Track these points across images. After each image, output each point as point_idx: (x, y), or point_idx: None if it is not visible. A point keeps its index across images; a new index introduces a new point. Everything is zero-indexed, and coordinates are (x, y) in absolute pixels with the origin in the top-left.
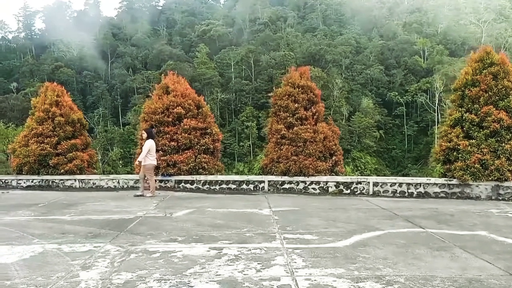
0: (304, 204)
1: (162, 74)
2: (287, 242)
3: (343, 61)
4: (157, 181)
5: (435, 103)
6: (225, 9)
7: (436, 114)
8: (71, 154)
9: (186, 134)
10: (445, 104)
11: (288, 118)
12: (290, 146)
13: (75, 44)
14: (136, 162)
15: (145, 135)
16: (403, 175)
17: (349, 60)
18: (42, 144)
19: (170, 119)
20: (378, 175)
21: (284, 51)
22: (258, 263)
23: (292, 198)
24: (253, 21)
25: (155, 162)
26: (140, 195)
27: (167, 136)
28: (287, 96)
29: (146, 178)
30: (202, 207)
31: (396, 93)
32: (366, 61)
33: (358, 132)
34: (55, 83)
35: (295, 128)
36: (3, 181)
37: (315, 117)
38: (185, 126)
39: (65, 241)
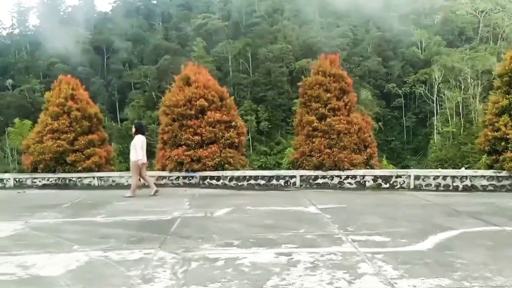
0: (348, 201)
1: (182, 65)
2: (359, 245)
3: (341, 53)
4: (181, 177)
5: (434, 94)
6: (221, 3)
7: (434, 105)
8: (88, 150)
9: (210, 128)
10: (443, 95)
11: (320, 108)
12: (323, 139)
13: (70, 39)
14: (138, 163)
15: (134, 129)
16: (403, 167)
17: (347, 52)
18: (58, 141)
19: (192, 112)
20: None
21: (281, 44)
22: (344, 272)
23: (331, 194)
24: (249, 14)
25: (144, 160)
26: (154, 194)
27: (190, 130)
28: (318, 85)
29: (143, 174)
30: (239, 205)
31: (394, 85)
32: (364, 53)
33: None
34: (69, 76)
35: (327, 119)
36: (17, 180)
37: (347, 107)
38: (209, 119)
39: (108, 247)
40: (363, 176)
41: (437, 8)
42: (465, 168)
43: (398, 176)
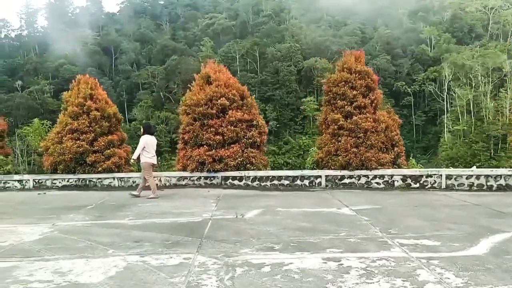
0: (381, 202)
1: (202, 64)
2: (410, 250)
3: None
4: (202, 178)
5: (444, 92)
6: (228, 2)
7: (445, 103)
8: (108, 151)
9: (232, 127)
10: (454, 93)
11: (345, 106)
12: (349, 137)
13: (78, 40)
14: (131, 160)
15: (142, 130)
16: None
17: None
18: (78, 141)
19: (214, 111)
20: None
21: (289, 43)
22: (403, 280)
23: (360, 195)
24: (256, 14)
25: (152, 160)
26: (136, 195)
27: (211, 129)
28: (343, 82)
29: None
30: (268, 206)
31: (404, 83)
32: (372, 51)
33: None
34: (87, 75)
35: (354, 117)
36: (36, 181)
37: (373, 104)
38: (231, 118)
39: (144, 251)
40: (392, 176)
41: (446, 5)
42: (477, 167)
43: (428, 176)
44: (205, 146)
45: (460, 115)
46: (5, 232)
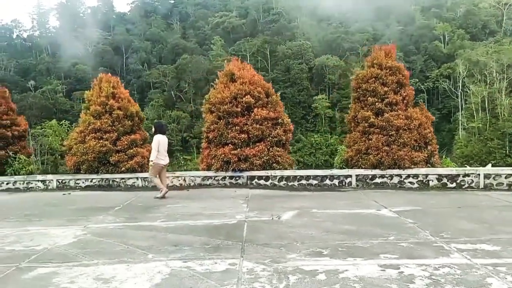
0: (420, 202)
1: (225, 61)
2: (471, 256)
3: (361, 49)
4: (227, 177)
5: (458, 89)
6: (238, 0)
7: (459, 100)
8: (131, 150)
9: (257, 125)
10: (468, 90)
11: (376, 103)
12: (380, 135)
13: (89, 40)
14: (150, 162)
15: (154, 129)
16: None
17: (367, 48)
18: (101, 140)
19: (239, 109)
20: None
21: (300, 41)
22: None
23: (395, 195)
24: (266, 11)
25: (164, 162)
26: (161, 197)
27: (236, 128)
28: (373, 78)
29: (162, 176)
30: (302, 207)
31: (417, 80)
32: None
33: None
34: (109, 74)
35: (385, 114)
36: (60, 181)
37: (405, 101)
38: (256, 117)
39: (185, 256)
40: (426, 175)
41: (459, 1)
42: (492, 165)
43: (466, 175)
44: (229, 145)
45: (475, 112)
46: (37, 235)
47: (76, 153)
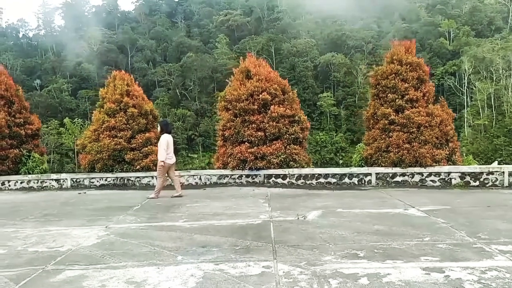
0: (447, 201)
1: (241, 57)
2: None
3: (366, 46)
4: (244, 176)
5: (464, 86)
6: None
7: (465, 97)
8: (146, 148)
9: (274, 123)
10: (474, 87)
11: (397, 100)
12: (401, 133)
13: (94, 39)
14: (160, 163)
15: (159, 128)
16: None
17: (372, 45)
18: (116, 138)
19: (255, 107)
20: None
21: (305, 38)
22: None
23: (418, 193)
24: (271, 9)
25: (171, 161)
26: (178, 195)
27: (253, 125)
28: (393, 74)
29: (171, 175)
30: (326, 207)
31: None
32: (389, 46)
33: None
34: (122, 71)
35: (406, 111)
36: (74, 180)
37: (425, 97)
38: (273, 114)
39: (216, 258)
40: (448, 173)
41: None
42: (498, 162)
43: (490, 173)
44: (246, 143)
45: (480, 109)
46: (59, 236)
47: (90, 152)
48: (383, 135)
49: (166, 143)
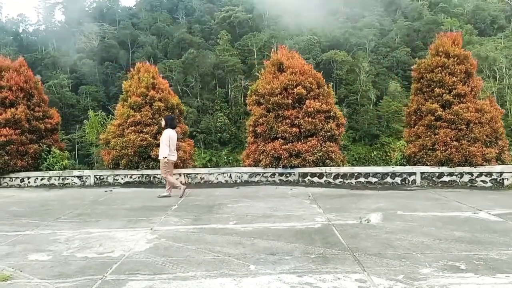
0: (511, 204)
1: (272, 49)
2: None
3: (368, 44)
4: (277, 174)
5: None
6: None
7: None
8: None
9: (309, 119)
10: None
11: (444, 95)
12: (448, 130)
13: (95, 34)
14: (161, 158)
15: (164, 122)
16: None
17: (374, 43)
18: (141, 134)
19: (289, 101)
20: None
21: (307, 36)
22: None
23: (473, 195)
24: (273, 6)
25: (173, 158)
26: (166, 196)
27: (287, 121)
28: (440, 68)
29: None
30: (382, 209)
31: None
32: (392, 44)
33: (386, 117)
34: (147, 63)
35: (453, 107)
36: (97, 177)
37: (473, 92)
38: (309, 109)
39: (294, 268)
40: (501, 173)
41: None
42: None
43: None
44: (279, 139)
45: None
46: (103, 239)
47: (114, 147)
48: (428, 132)
49: (168, 138)
